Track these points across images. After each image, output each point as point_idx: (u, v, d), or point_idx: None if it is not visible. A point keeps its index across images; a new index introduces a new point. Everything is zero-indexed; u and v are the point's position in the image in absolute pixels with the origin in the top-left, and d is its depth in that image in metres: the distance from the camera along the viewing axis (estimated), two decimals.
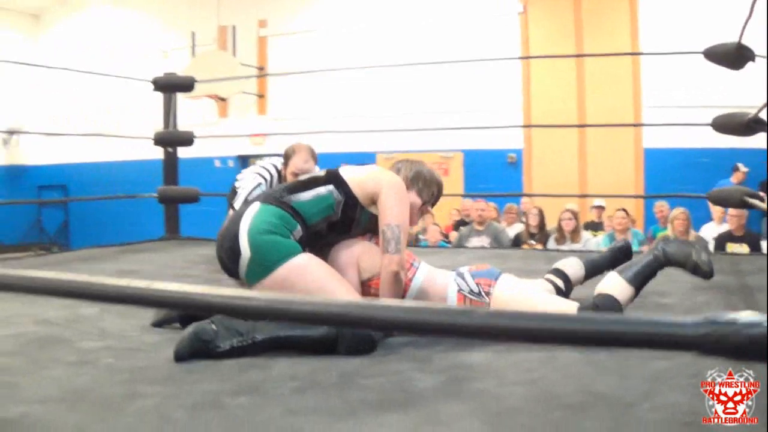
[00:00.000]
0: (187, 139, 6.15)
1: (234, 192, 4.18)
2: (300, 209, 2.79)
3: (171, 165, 6.22)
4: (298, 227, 2.76)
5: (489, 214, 8.32)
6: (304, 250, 2.73)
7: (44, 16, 15.52)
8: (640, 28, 10.37)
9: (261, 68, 12.81)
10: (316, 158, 4.14)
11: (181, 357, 2.36)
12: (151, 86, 5.98)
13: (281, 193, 2.85)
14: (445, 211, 10.39)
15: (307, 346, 2.46)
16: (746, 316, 0.94)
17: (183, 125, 12.18)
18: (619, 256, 3.21)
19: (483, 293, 2.77)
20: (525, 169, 11.48)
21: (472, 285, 2.78)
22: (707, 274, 2.83)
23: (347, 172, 2.92)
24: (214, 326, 2.41)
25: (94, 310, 3.08)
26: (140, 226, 10.17)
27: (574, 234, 7.85)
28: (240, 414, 1.87)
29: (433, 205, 3.15)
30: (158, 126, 6.65)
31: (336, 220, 2.83)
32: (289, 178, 4.02)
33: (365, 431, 1.74)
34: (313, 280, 2.64)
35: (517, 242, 8.02)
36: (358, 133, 11.07)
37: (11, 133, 14.03)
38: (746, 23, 3.97)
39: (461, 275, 2.83)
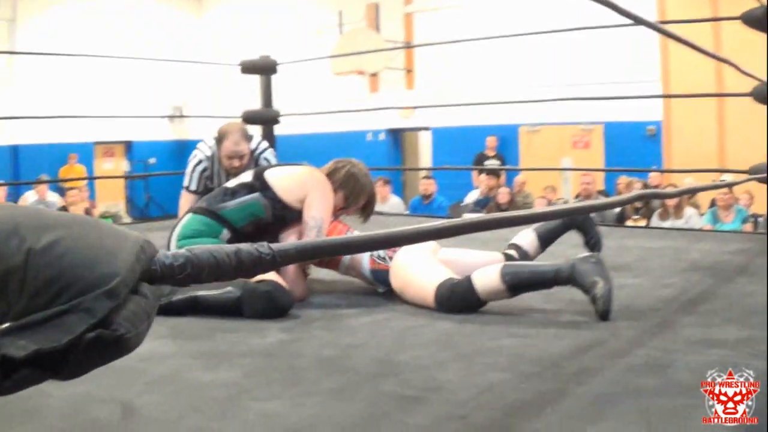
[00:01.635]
0: (273, 118, 6.89)
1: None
2: (226, 216, 3.39)
3: (269, 141, 6.63)
4: (224, 231, 3.37)
5: (594, 188, 9.35)
6: None
7: None
8: None
9: (408, 43, 14.73)
10: (248, 139, 4.54)
11: None
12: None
13: (211, 202, 3.45)
14: (575, 186, 11.79)
15: (218, 308, 3.08)
16: None
17: (337, 101, 14.71)
18: (567, 230, 3.73)
19: (387, 258, 3.42)
20: (664, 142, 12.56)
21: (381, 253, 3.43)
22: (603, 314, 2.86)
23: (274, 176, 3.50)
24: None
25: None
26: None
27: (678, 210, 8.78)
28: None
29: (362, 211, 3.75)
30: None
31: (268, 222, 3.43)
32: (223, 161, 4.49)
33: None
34: None
35: (621, 218, 9.02)
36: (502, 106, 11.75)
37: (172, 117, 16.52)
38: None
39: None
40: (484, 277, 3.03)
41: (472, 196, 12.04)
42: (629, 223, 8.91)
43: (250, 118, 6.96)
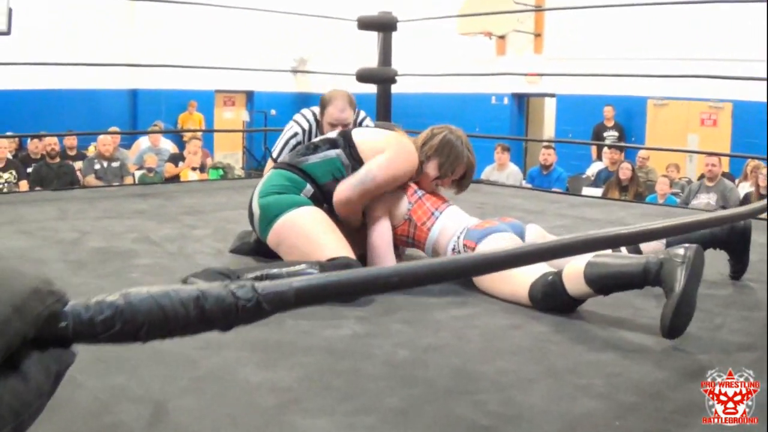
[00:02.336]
0: (390, 78, 6.60)
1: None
2: (309, 170, 3.27)
3: (383, 101, 6.71)
4: (308, 186, 3.25)
5: (719, 170, 8.88)
6: (320, 206, 3.23)
7: None
8: None
9: (538, 6, 14.17)
10: (354, 105, 4.25)
11: None
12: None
13: (293, 157, 3.38)
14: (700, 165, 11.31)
15: None
16: None
17: (461, 62, 14.33)
18: (732, 239, 3.21)
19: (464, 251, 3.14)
20: None
21: (461, 246, 3.16)
22: (666, 331, 2.41)
23: (360, 136, 3.38)
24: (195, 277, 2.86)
25: None
26: None
27: None
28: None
29: (458, 183, 3.53)
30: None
31: None
32: (326, 128, 4.10)
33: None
34: (301, 231, 3.12)
35: (745, 203, 8.35)
36: (629, 77, 11.21)
37: (295, 71, 16.66)
38: None
39: (462, 232, 3.20)
40: (572, 277, 2.70)
41: (593, 169, 11.62)
42: None
43: (364, 77, 6.75)
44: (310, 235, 3.09)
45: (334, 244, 3.05)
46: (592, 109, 13.38)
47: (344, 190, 3.23)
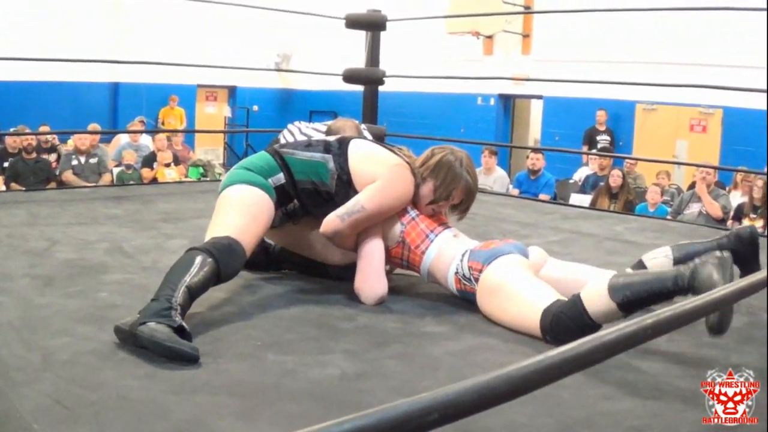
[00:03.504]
0: (377, 79, 6.36)
1: (276, 141, 3.97)
2: (289, 162, 3.10)
3: (370, 103, 6.48)
4: (280, 175, 3.07)
5: (713, 179, 8.77)
6: (288, 199, 3.09)
7: None
8: None
9: (527, 7, 14.09)
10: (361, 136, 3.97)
11: None
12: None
13: (284, 145, 3.24)
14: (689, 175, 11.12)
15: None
16: None
17: (448, 61, 14.10)
18: (740, 248, 2.96)
19: (473, 279, 2.87)
20: None
21: (465, 269, 2.91)
22: (715, 329, 2.25)
23: (356, 150, 3.15)
24: None
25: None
26: None
27: None
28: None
29: (457, 207, 3.26)
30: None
31: (329, 191, 3.09)
32: None
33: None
34: (222, 204, 2.97)
35: (738, 214, 8.49)
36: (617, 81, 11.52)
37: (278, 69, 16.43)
38: None
39: (464, 255, 2.96)
40: (592, 295, 2.47)
41: (580, 173, 11.45)
42: (746, 222, 8.31)
43: (351, 77, 6.50)
44: (222, 209, 2.95)
45: (232, 223, 2.87)
46: (579, 111, 13.23)
47: (332, 221, 3.03)
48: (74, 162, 9.94)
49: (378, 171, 3.06)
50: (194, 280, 2.54)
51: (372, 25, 6.25)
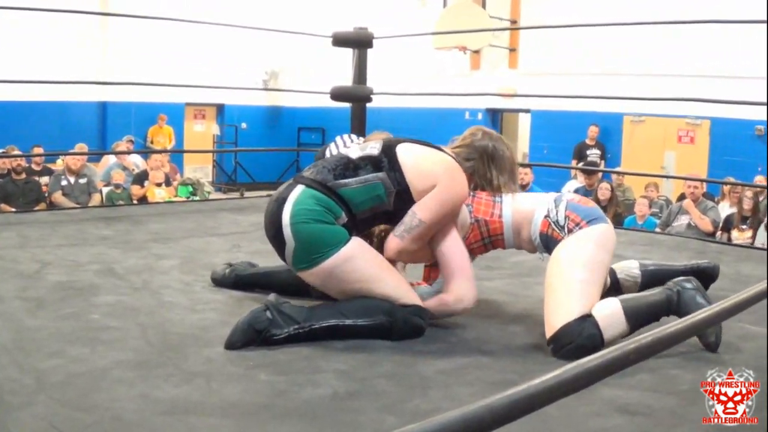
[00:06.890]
0: (365, 97, 6.34)
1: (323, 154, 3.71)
2: (346, 196, 2.82)
3: (358, 121, 6.42)
4: (343, 215, 2.81)
5: (701, 192, 8.82)
6: (351, 235, 2.81)
7: None
8: None
9: (513, 22, 14.16)
10: None
11: (233, 346, 2.61)
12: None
13: (327, 176, 2.85)
14: (677, 186, 11.14)
15: (362, 334, 2.74)
16: None
17: (436, 76, 14.18)
18: (698, 277, 3.00)
19: (566, 229, 2.86)
20: None
21: (560, 216, 2.89)
22: (711, 346, 2.64)
23: (406, 155, 2.93)
24: (269, 314, 2.66)
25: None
26: None
27: None
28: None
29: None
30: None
31: (387, 210, 2.89)
32: None
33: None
34: (360, 271, 2.77)
35: (727, 225, 8.54)
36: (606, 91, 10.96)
37: (266, 89, 16.46)
38: None
39: (558, 201, 2.94)
40: (611, 320, 2.64)
41: (568, 187, 11.47)
42: (735, 233, 8.45)
43: (338, 95, 6.52)
44: (371, 279, 2.80)
45: (396, 285, 2.84)
46: (567, 124, 13.30)
47: (393, 243, 2.91)
48: (63, 182, 9.92)
49: (435, 171, 2.90)
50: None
51: (359, 43, 6.28)
